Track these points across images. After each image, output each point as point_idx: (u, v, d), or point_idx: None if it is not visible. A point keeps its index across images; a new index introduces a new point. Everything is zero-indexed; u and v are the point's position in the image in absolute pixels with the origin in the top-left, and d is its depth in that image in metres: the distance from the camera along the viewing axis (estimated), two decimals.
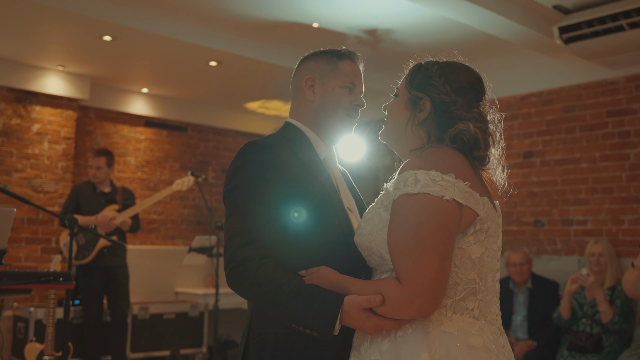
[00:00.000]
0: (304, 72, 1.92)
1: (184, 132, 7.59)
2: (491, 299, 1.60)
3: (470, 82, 1.69)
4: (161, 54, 5.68)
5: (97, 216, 5.30)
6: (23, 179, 6.08)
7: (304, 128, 1.89)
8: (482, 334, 1.52)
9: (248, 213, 1.66)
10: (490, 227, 1.57)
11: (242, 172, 1.72)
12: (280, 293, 1.58)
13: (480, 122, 1.65)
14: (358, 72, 1.93)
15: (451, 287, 1.53)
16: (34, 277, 2.99)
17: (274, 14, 4.96)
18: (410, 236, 1.48)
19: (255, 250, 1.63)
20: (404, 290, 1.48)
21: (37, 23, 4.95)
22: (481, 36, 5.19)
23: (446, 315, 1.53)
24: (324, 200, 1.74)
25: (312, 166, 1.78)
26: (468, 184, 1.53)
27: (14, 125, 6.07)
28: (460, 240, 1.54)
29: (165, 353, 6.11)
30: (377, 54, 5.79)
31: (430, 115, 1.65)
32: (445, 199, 1.48)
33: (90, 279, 5.36)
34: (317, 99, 1.88)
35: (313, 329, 1.56)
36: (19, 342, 5.61)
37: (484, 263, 1.57)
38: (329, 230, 1.72)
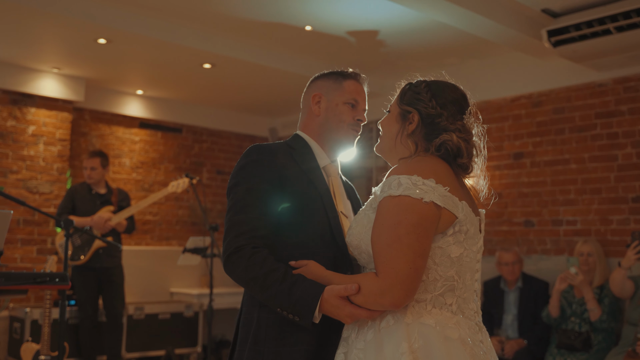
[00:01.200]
0: (313, 89, 2.13)
1: (178, 133, 7.64)
2: (469, 296, 1.73)
3: (455, 98, 1.85)
4: (156, 57, 5.73)
5: (93, 217, 5.35)
6: (19, 180, 6.12)
7: (308, 139, 2.08)
8: (459, 327, 1.65)
9: (246, 207, 1.84)
10: (469, 229, 1.71)
11: (244, 170, 1.90)
12: (268, 278, 1.73)
13: (464, 133, 1.80)
14: (361, 91, 2.12)
15: (431, 283, 1.68)
16: (31, 278, 3.03)
17: (267, 17, 5.02)
18: (389, 234, 1.63)
19: (250, 240, 1.80)
20: (379, 282, 1.62)
21: (33, 26, 5.00)
22: (471, 38, 5.26)
23: (426, 309, 1.66)
24: (315, 202, 1.90)
25: (310, 172, 1.96)
26: (448, 189, 1.67)
27: (9, 127, 6.11)
28: (440, 240, 1.68)
29: (160, 353, 6.16)
30: (369, 56, 5.86)
31: (418, 127, 1.81)
32: (424, 201, 1.62)
33: (86, 280, 5.40)
34: (323, 113, 2.08)
35: (295, 313, 1.71)
36: (15, 342, 5.65)
37: (463, 262, 1.70)
38: (318, 229, 1.88)
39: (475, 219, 1.75)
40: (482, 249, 1.82)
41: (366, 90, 2.15)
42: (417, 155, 1.80)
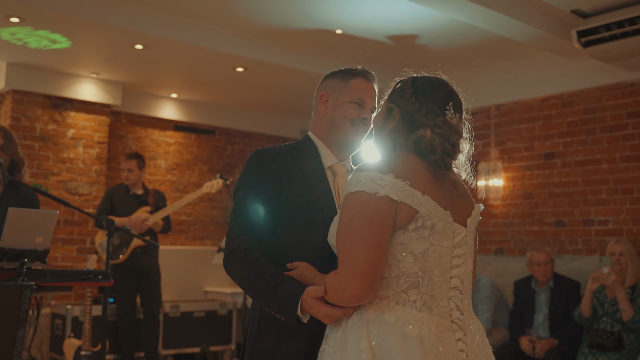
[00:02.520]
0: (321, 89, 2.13)
1: (211, 135, 7.80)
2: (440, 293, 1.69)
3: (435, 93, 1.83)
4: (190, 61, 5.88)
5: (131, 217, 5.50)
6: (59, 182, 6.33)
7: (316, 140, 2.09)
8: (421, 324, 1.63)
9: (244, 210, 1.91)
10: (435, 224, 1.68)
11: (244, 176, 1.98)
12: (257, 279, 1.80)
13: (442, 128, 1.77)
14: (369, 90, 2.09)
15: (393, 279, 1.68)
16: (75, 275, 3.18)
17: (299, 22, 5.13)
18: (345, 229, 1.66)
19: (245, 243, 1.87)
20: (338, 278, 1.66)
21: (74, 34, 5.19)
22: (501, 40, 5.29)
23: (388, 305, 1.67)
24: (312, 204, 1.93)
25: (310, 174, 1.98)
26: (408, 183, 1.66)
27: (50, 130, 6.33)
28: (401, 236, 1.68)
29: (195, 350, 6.30)
30: (399, 57, 5.93)
31: (399, 124, 1.80)
32: (378, 196, 1.63)
33: (124, 278, 5.55)
34: (329, 112, 2.07)
35: (280, 313, 1.77)
36: (56, 338, 5.86)
37: (429, 258, 1.68)
38: (314, 230, 1.91)
39: (445, 213, 1.71)
40: (467, 244, 1.78)
41: (376, 87, 2.13)
42: (393, 152, 1.80)
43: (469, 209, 1.83)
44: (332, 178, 2.04)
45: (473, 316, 1.82)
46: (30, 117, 6.22)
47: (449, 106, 1.81)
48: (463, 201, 1.81)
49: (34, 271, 3.01)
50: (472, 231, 1.82)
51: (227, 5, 4.85)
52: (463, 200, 1.82)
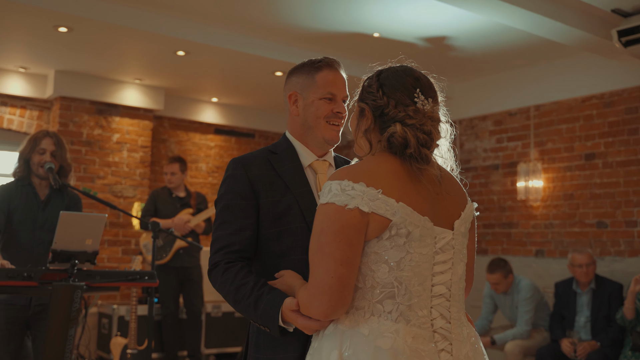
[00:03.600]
0: (288, 88, 2.04)
1: (251, 138, 7.92)
2: (418, 302, 1.61)
3: (402, 82, 1.71)
4: (230, 66, 6.01)
5: (174, 219, 5.64)
6: (105, 185, 6.53)
7: (292, 139, 2.02)
8: (396, 336, 1.56)
9: (222, 223, 1.88)
10: (411, 231, 1.59)
11: (222, 187, 1.93)
12: (238, 293, 1.77)
13: (415, 118, 1.67)
14: (338, 80, 2.00)
15: (368, 290, 1.60)
16: (123, 276, 3.30)
17: (335, 26, 5.19)
18: (315, 243, 1.59)
19: (225, 256, 1.85)
20: (306, 292, 1.61)
21: (117, 41, 5.36)
22: (540, 40, 5.27)
23: (364, 316, 1.60)
24: (292, 209, 1.87)
25: (289, 178, 1.91)
26: (380, 191, 1.58)
27: (96, 135, 6.53)
28: (375, 245, 1.59)
29: (237, 349, 6.42)
30: (437, 60, 5.94)
31: (372, 123, 1.72)
32: (347, 208, 1.56)
33: (167, 278, 5.69)
34: (301, 112, 1.99)
35: (264, 325, 1.74)
36: (103, 337, 6.04)
37: (405, 267, 1.59)
38: (297, 236, 1.85)
39: (423, 219, 1.61)
40: (454, 248, 1.68)
41: (344, 74, 2.03)
42: (368, 154, 1.72)
43: (457, 210, 1.72)
44: (312, 177, 1.98)
45: (465, 324, 1.72)
46: (77, 123, 6.42)
47: (417, 93, 1.69)
48: (450, 202, 1.72)
49: (84, 272, 3.13)
50: (462, 234, 1.71)
51: (266, 11, 4.94)
52: (450, 200, 1.72)
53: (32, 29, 5.10)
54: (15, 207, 3.55)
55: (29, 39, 5.38)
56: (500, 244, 6.50)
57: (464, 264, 1.73)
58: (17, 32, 5.20)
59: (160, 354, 5.93)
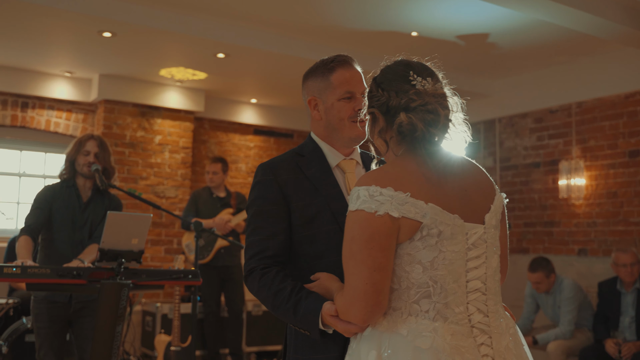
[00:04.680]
0: (307, 93, 2.05)
1: (290, 138, 7.99)
2: (455, 299, 1.62)
3: (395, 72, 1.73)
4: (268, 67, 6.08)
5: (215, 219, 5.73)
6: (148, 186, 6.67)
7: (318, 141, 2.03)
8: (435, 335, 1.57)
9: (256, 229, 1.90)
10: (442, 230, 1.60)
11: (252, 193, 1.95)
12: (277, 299, 1.79)
13: (418, 100, 1.67)
14: (354, 76, 2.00)
15: (404, 291, 1.62)
16: (167, 275, 3.37)
17: (373, 25, 5.20)
18: (347, 250, 1.61)
19: (260, 262, 1.86)
20: (343, 299, 1.63)
21: (160, 44, 5.47)
22: (582, 36, 5.19)
23: (401, 317, 1.62)
24: (322, 211, 1.88)
25: (318, 180, 1.93)
26: (409, 194, 1.59)
27: (139, 137, 6.67)
28: (408, 247, 1.61)
29: (277, 347, 6.48)
30: (477, 58, 5.90)
31: (383, 122, 1.73)
32: (377, 215, 1.57)
33: (209, 277, 5.78)
34: (323, 116, 2.00)
35: (304, 329, 1.77)
36: (147, 334, 6.17)
37: (438, 266, 1.61)
38: (330, 237, 1.86)
39: (453, 217, 1.62)
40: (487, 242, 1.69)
41: (359, 69, 2.03)
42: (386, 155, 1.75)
43: (486, 203, 1.72)
44: (341, 177, 1.99)
45: (502, 315, 1.73)
46: (121, 125, 6.58)
47: (412, 76, 1.70)
48: (479, 196, 1.72)
49: (131, 270, 3.21)
50: (493, 226, 1.71)
51: (304, 12, 4.99)
52: (479, 194, 1.72)
53: (78, 35, 5.25)
54: (57, 207, 3.66)
55: (74, 44, 5.54)
56: (541, 243, 6.43)
57: (498, 256, 1.73)
58: (63, 38, 5.36)
59: (202, 351, 6.03)
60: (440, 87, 1.72)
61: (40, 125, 6.51)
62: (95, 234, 3.71)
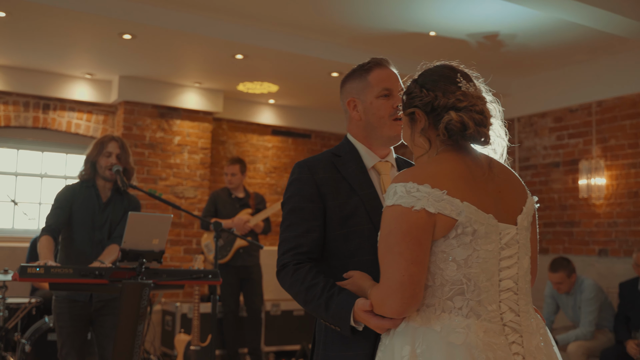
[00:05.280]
0: (345, 95, 2.10)
1: (307, 139, 8.01)
2: (488, 297, 1.65)
3: (440, 73, 1.78)
4: (286, 68, 6.10)
5: (234, 219, 5.76)
6: (167, 186, 6.72)
7: (355, 142, 2.07)
8: (468, 331, 1.60)
9: (290, 225, 1.93)
10: (477, 229, 1.64)
11: (289, 190, 1.98)
12: (308, 294, 1.82)
13: (465, 100, 1.72)
14: (390, 76, 2.05)
15: (438, 287, 1.66)
16: (188, 275, 3.40)
17: (391, 25, 5.20)
18: (383, 244, 1.65)
19: (293, 257, 1.89)
20: (378, 292, 1.66)
21: (178, 46, 5.52)
22: (601, 35, 5.15)
23: (435, 313, 1.65)
24: (358, 211, 1.91)
25: (354, 180, 1.96)
26: (445, 192, 1.63)
27: (158, 138, 6.73)
28: (442, 244, 1.65)
29: (295, 347, 6.50)
30: (493, 57, 5.87)
31: (426, 121, 1.76)
32: (414, 209, 1.61)
33: (228, 277, 5.81)
34: (362, 116, 2.03)
35: (335, 325, 1.79)
36: (167, 334, 6.22)
37: (472, 264, 1.64)
38: (364, 237, 1.89)
39: (487, 217, 1.66)
40: (519, 243, 1.72)
41: (395, 70, 2.07)
42: (428, 154, 1.77)
43: (519, 205, 1.77)
44: (376, 178, 2.02)
45: (533, 316, 1.76)
46: (140, 126, 6.64)
47: (459, 78, 1.76)
48: (512, 197, 1.77)
49: (152, 270, 3.24)
50: (525, 228, 1.75)
51: (322, 13, 5.00)
52: (512, 196, 1.77)
53: (98, 37, 5.31)
54: (77, 207, 3.71)
55: (94, 46, 5.60)
56: (561, 243, 6.38)
57: (529, 257, 1.77)
58: (83, 40, 5.43)
59: (222, 350, 6.07)
60: (481, 92, 1.78)
61: (61, 126, 6.59)
62: (114, 234, 3.75)
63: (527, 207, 1.78)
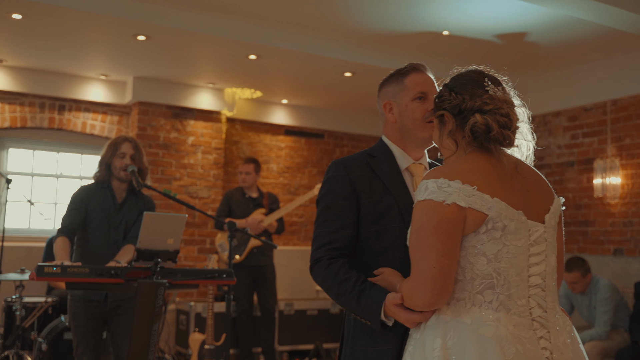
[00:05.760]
0: (382, 98, 2.16)
1: (320, 139, 8.02)
2: (517, 292, 1.69)
3: (469, 78, 1.84)
4: (299, 68, 6.11)
5: (248, 219, 5.78)
6: (181, 186, 6.76)
7: (390, 144, 2.12)
8: (498, 324, 1.64)
9: (325, 222, 1.99)
10: (507, 225, 1.68)
11: (324, 187, 2.05)
12: (341, 288, 1.88)
13: (491, 104, 1.78)
14: (426, 80, 2.10)
15: (468, 281, 1.70)
16: (202, 274, 3.42)
17: (404, 25, 5.20)
18: (415, 237, 1.70)
19: (327, 252, 1.95)
20: (409, 284, 1.71)
21: (192, 47, 5.55)
22: (616, 33, 5.11)
23: (465, 307, 1.69)
24: (391, 210, 1.96)
25: (388, 180, 2.01)
26: (475, 188, 1.68)
27: (172, 138, 6.77)
28: (473, 239, 1.69)
29: (309, 346, 6.51)
30: (509, 56, 5.85)
31: (453, 123, 1.82)
32: (445, 204, 1.66)
33: (242, 277, 5.82)
34: (398, 118, 2.09)
35: (365, 318, 1.84)
36: (181, 333, 6.25)
37: (502, 259, 1.69)
38: (395, 235, 1.94)
39: (517, 213, 1.71)
40: (547, 241, 1.77)
41: (431, 75, 2.13)
42: (455, 154, 1.82)
43: (546, 205, 1.81)
44: (409, 179, 2.07)
45: (559, 313, 1.80)
46: (155, 127, 6.68)
47: (486, 82, 1.82)
48: (540, 196, 1.82)
49: (167, 270, 3.27)
50: (552, 227, 1.80)
51: (335, 13, 5.01)
52: (540, 195, 1.82)
53: (113, 39, 5.35)
54: (92, 208, 3.74)
55: (109, 48, 5.64)
56: (576, 243, 6.34)
57: (555, 256, 1.80)
58: (98, 42, 5.47)
59: (235, 350, 6.09)
60: (508, 96, 1.84)
61: (76, 127, 6.65)
62: (130, 234, 3.78)
63: (555, 207, 1.83)
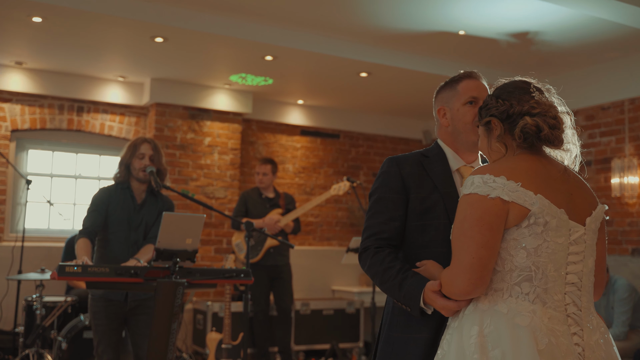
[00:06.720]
0: (437, 104, 2.27)
1: (336, 139, 8.03)
2: (554, 287, 1.76)
3: (514, 86, 1.93)
4: (315, 69, 6.13)
5: (265, 219, 5.81)
6: (198, 187, 6.81)
7: (443, 146, 2.23)
8: (533, 316, 1.70)
9: (375, 213, 2.12)
10: (549, 221, 1.75)
11: (377, 181, 2.17)
12: (386, 274, 2.00)
13: (538, 107, 1.85)
14: (478, 86, 2.19)
15: (507, 273, 1.76)
16: (220, 273, 3.45)
17: (420, 25, 5.20)
18: (458, 228, 1.78)
19: (375, 242, 2.08)
20: (449, 272, 1.79)
21: (208, 49, 5.59)
22: (633, 31, 5.08)
23: (502, 297, 1.76)
24: (437, 206, 2.06)
25: (438, 178, 2.11)
26: (520, 184, 1.75)
27: (189, 139, 6.82)
28: (514, 232, 1.76)
29: (325, 346, 6.53)
30: (523, 56, 5.83)
31: (501, 128, 1.90)
32: (489, 197, 1.74)
33: (259, 276, 5.84)
34: (450, 122, 2.20)
35: (406, 305, 1.95)
36: (198, 332, 6.30)
37: (542, 253, 1.75)
38: (439, 231, 2.04)
39: (559, 211, 1.76)
40: (586, 243, 1.81)
41: (484, 82, 2.21)
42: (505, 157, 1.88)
43: (588, 209, 1.86)
44: (459, 180, 2.15)
45: (594, 314, 1.84)
46: (172, 127, 6.74)
47: (532, 88, 1.90)
48: (583, 200, 1.87)
49: (185, 269, 3.29)
50: (593, 230, 1.85)
51: (351, 13, 5.03)
52: (583, 199, 1.87)
53: (131, 41, 5.41)
54: (113, 208, 3.78)
55: (127, 49, 5.70)
56: None
57: (594, 259, 1.85)
58: (116, 44, 5.53)
59: (252, 349, 6.12)
60: (553, 101, 1.92)
61: (95, 128, 6.72)
62: (150, 234, 3.82)
63: (597, 212, 1.88)
